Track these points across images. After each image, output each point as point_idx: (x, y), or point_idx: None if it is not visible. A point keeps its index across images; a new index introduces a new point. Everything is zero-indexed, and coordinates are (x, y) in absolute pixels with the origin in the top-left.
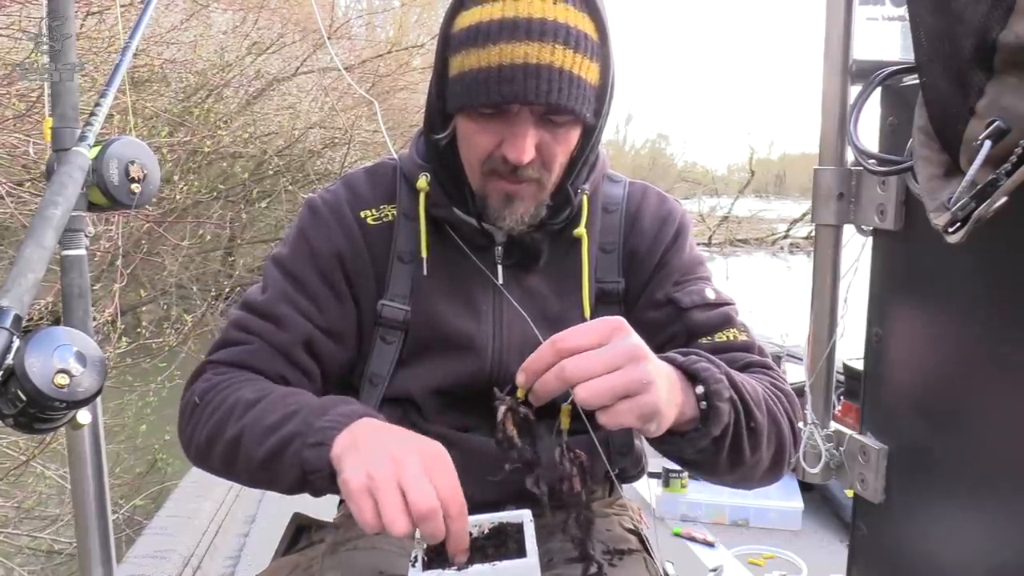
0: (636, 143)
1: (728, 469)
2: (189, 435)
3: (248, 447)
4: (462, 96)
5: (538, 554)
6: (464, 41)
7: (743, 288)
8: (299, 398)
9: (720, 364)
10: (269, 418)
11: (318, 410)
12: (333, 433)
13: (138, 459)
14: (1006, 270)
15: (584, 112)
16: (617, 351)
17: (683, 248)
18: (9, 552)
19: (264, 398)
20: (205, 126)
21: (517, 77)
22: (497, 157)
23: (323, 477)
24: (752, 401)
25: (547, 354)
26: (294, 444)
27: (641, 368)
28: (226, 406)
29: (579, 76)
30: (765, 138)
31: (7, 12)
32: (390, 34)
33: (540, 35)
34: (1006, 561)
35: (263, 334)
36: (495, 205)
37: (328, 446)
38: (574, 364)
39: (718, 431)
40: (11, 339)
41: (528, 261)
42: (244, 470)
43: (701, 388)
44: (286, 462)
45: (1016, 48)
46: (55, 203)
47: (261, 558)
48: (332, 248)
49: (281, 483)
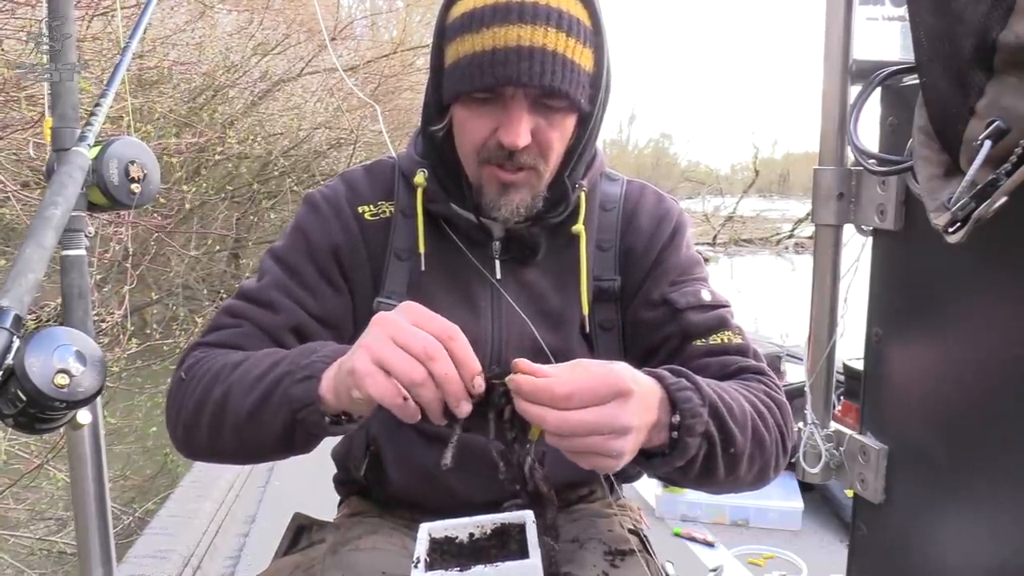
0: (639, 142)
1: (700, 486)
2: (176, 412)
3: (235, 401)
4: (457, 83)
5: (540, 555)
6: (458, 28)
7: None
8: (284, 351)
9: (706, 392)
10: (255, 371)
11: (306, 352)
12: (321, 367)
13: (148, 460)
14: (1006, 270)
15: (578, 97)
16: (606, 422)
17: (680, 247)
18: (21, 553)
19: (249, 358)
20: (211, 127)
21: (510, 59)
22: (492, 144)
23: (313, 411)
24: (737, 426)
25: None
26: (282, 384)
27: (618, 444)
28: (212, 372)
29: (572, 60)
30: (769, 137)
31: (16, 15)
32: (394, 35)
33: (533, 18)
34: (1006, 561)
35: (253, 318)
36: (491, 194)
37: (316, 379)
38: (557, 422)
39: (682, 463)
40: (11, 339)
41: (525, 256)
42: (232, 427)
43: (677, 418)
44: (274, 405)
45: (1016, 48)
46: (55, 203)
47: (261, 558)
48: (329, 241)
49: (269, 431)
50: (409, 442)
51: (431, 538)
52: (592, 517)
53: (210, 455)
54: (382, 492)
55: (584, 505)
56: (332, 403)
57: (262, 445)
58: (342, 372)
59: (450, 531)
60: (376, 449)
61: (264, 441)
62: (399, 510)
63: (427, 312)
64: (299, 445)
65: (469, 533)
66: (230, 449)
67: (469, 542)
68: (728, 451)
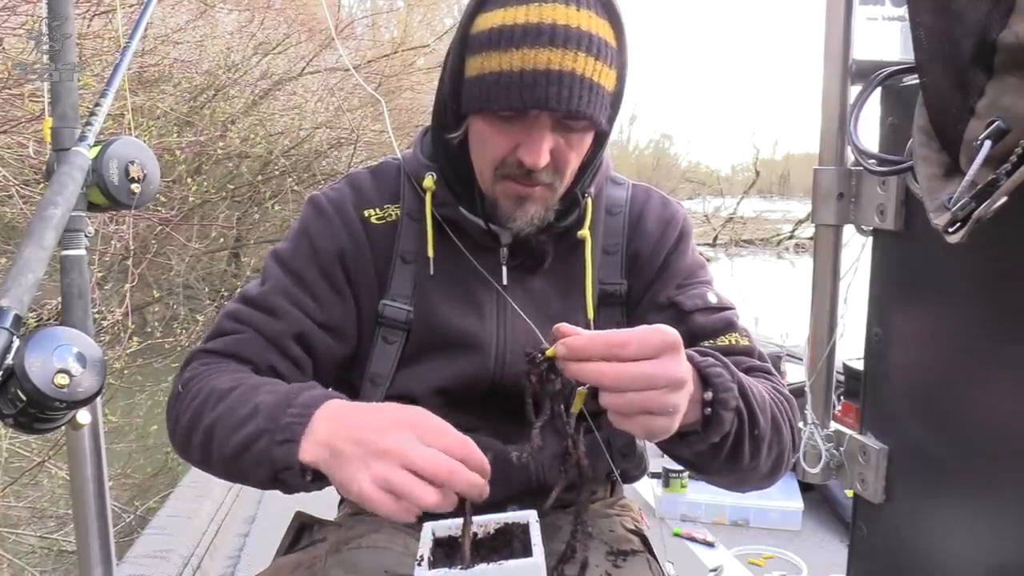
0: (640, 143)
1: (724, 472)
2: (173, 423)
3: (221, 440)
4: (480, 98)
5: (544, 554)
6: (485, 43)
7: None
8: (268, 388)
9: (734, 371)
10: (239, 411)
11: (283, 402)
12: (299, 429)
13: (148, 459)
14: (1006, 270)
15: (600, 119)
16: (662, 373)
17: (686, 251)
18: (21, 552)
19: (236, 388)
20: (213, 126)
21: (539, 83)
22: (512, 161)
23: (294, 474)
24: (759, 409)
25: (598, 348)
26: (261, 441)
27: (674, 399)
28: (202, 395)
29: (598, 83)
30: (769, 138)
31: (19, 12)
32: (395, 35)
33: (564, 42)
34: (1006, 561)
35: (256, 324)
36: (506, 207)
37: (296, 443)
38: (615, 374)
39: (717, 438)
40: (11, 339)
41: (533, 263)
42: (219, 463)
43: (710, 394)
44: (255, 459)
45: (1016, 48)
46: (55, 203)
47: (261, 558)
48: (335, 246)
49: (253, 479)
50: None
51: (434, 537)
52: (593, 517)
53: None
54: None
55: None
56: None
57: (248, 482)
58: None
59: (453, 530)
60: None
61: (250, 481)
62: None
63: (427, 420)
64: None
65: (472, 532)
66: (221, 476)
67: (472, 541)
68: (753, 432)
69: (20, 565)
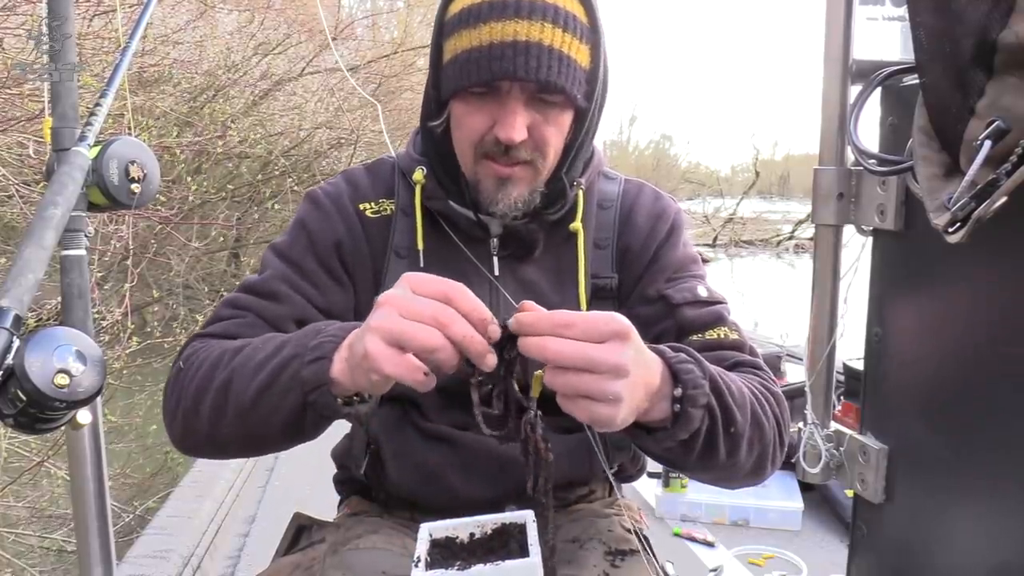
0: (640, 144)
1: (699, 469)
2: (175, 402)
3: (239, 386)
4: (454, 78)
5: (541, 554)
6: (456, 24)
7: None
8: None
9: (707, 367)
10: (259, 354)
11: (312, 332)
12: (331, 347)
13: (148, 459)
14: (1006, 270)
15: (574, 92)
16: (604, 358)
17: (676, 245)
18: (21, 552)
19: (249, 343)
20: (213, 126)
21: (507, 54)
22: (489, 139)
23: (325, 393)
24: (736, 405)
25: (545, 324)
26: (291, 367)
27: (614, 387)
28: (212, 359)
29: (568, 55)
30: (769, 139)
31: (19, 12)
32: (395, 35)
33: (529, 13)
34: (1006, 561)
35: (257, 309)
36: (488, 189)
37: (328, 359)
38: (557, 348)
39: (686, 435)
40: (11, 339)
41: (524, 252)
42: (235, 414)
43: (679, 390)
44: (282, 387)
45: (1016, 48)
46: (55, 203)
47: (261, 558)
48: (332, 237)
49: (276, 416)
50: (409, 441)
51: (431, 538)
52: (592, 517)
53: (209, 447)
54: (382, 491)
55: (584, 505)
56: (345, 384)
57: (267, 432)
58: (355, 356)
59: (451, 531)
60: (376, 448)
61: (270, 427)
62: (399, 510)
63: (424, 277)
64: (307, 430)
65: (470, 533)
66: (231, 438)
67: (469, 542)
68: (729, 430)
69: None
